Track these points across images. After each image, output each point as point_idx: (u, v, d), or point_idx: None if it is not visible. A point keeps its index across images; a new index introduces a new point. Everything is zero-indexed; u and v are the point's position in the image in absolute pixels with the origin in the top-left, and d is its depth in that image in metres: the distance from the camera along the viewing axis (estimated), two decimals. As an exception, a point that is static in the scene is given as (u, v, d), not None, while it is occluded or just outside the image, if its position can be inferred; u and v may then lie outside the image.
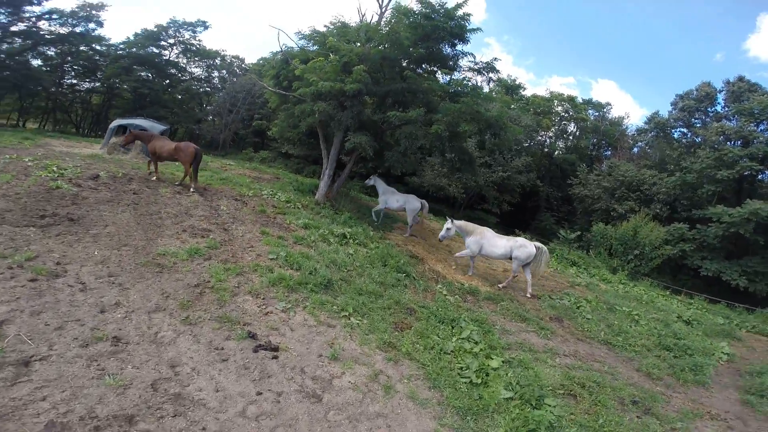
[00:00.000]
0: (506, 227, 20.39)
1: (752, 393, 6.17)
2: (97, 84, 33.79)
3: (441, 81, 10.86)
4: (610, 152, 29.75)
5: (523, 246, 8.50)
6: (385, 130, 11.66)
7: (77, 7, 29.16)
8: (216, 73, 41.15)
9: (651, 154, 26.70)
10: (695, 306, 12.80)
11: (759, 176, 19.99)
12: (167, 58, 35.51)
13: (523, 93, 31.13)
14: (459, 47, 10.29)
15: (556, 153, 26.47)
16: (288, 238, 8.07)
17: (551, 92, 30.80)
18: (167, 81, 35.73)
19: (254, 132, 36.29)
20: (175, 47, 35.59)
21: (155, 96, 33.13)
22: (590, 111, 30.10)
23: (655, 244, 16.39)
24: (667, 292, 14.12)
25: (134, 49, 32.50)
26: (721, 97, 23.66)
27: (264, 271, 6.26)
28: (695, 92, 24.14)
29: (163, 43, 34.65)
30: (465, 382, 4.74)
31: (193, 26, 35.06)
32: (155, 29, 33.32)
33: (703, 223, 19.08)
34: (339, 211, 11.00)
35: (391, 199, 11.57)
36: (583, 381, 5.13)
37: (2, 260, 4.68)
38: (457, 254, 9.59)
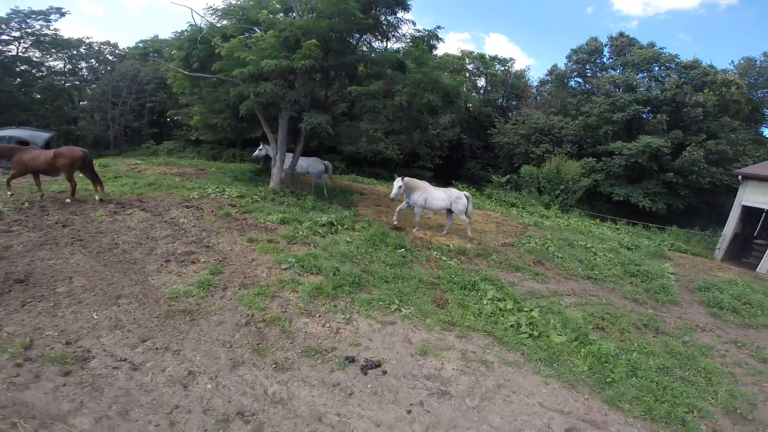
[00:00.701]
0: (440, 179, 21.75)
1: (713, 306, 7.97)
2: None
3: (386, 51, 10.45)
4: (515, 103, 33.36)
5: (459, 198, 9.47)
6: (331, 105, 10.86)
7: None
8: (83, 64, 34.56)
9: (552, 102, 30.80)
10: (621, 231, 15.66)
11: (644, 116, 24.83)
12: (14, 53, 29.08)
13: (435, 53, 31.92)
14: (400, 14, 9.96)
15: (471, 107, 28.53)
16: (279, 240, 7.43)
17: (462, 51, 32.51)
18: (18, 80, 29.82)
19: (150, 122, 31.48)
20: (22, 41, 29.23)
21: (8, 99, 26.98)
22: (497, 66, 32.75)
23: (576, 178, 19.70)
24: (597, 221, 17.13)
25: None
26: (606, 51, 28.35)
27: (292, 285, 5.83)
28: (586, 47, 28.24)
29: (5, 37, 28.03)
30: (526, 337, 5.52)
31: (44, 14, 28.63)
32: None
33: (607, 156, 23.32)
34: (301, 196, 10.30)
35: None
36: (600, 315, 6.43)
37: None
38: (399, 208, 9.83)
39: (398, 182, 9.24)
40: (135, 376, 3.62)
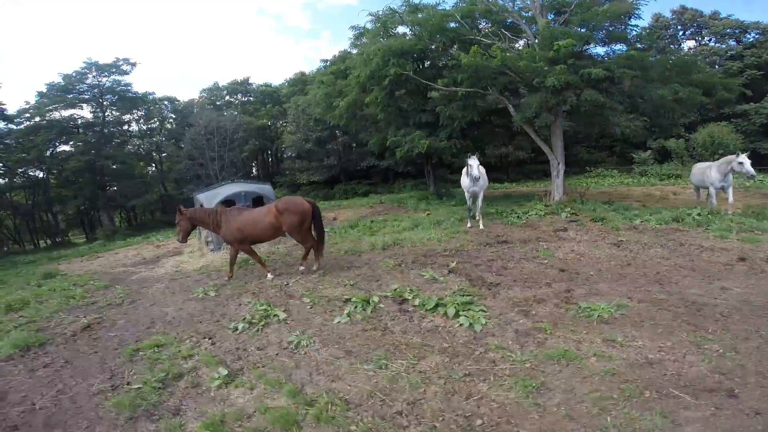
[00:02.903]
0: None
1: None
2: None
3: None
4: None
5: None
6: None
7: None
8: (154, 122, 34.36)
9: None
10: None
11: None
12: (100, 116, 27.56)
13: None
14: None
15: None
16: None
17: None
18: (106, 145, 28.21)
19: (246, 174, 32.88)
20: (102, 99, 27.81)
21: (114, 172, 27.21)
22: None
23: (734, 142, 18.98)
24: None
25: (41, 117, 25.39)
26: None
27: None
28: (655, 23, 27.72)
29: (85, 96, 26.96)
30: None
31: (116, 67, 27.69)
32: (63, 81, 25.95)
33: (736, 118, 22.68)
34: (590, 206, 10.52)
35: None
36: None
37: None
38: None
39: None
40: None
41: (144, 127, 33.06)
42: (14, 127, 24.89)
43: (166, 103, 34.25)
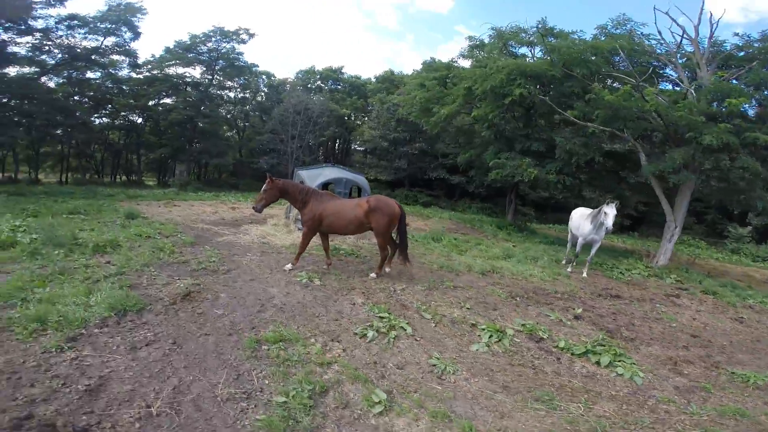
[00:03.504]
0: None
1: None
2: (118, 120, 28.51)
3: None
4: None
5: None
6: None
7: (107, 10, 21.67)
8: (248, 94, 35.18)
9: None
10: None
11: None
12: (208, 78, 29.04)
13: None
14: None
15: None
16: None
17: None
18: (206, 104, 29.13)
19: (324, 158, 32.34)
20: (215, 63, 28.84)
21: (202, 130, 28.22)
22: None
23: None
24: None
25: (160, 70, 27.21)
26: None
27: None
28: None
29: (203, 57, 28.15)
30: None
31: (237, 35, 27.64)
32: (189, 41, 27.03)
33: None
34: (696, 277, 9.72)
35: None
36: None
37: None
38: None
39: None
40: None
41: (240, 95, 34.28)
42: (134, 75, 26.76)
43: (263, 77, 35.40)
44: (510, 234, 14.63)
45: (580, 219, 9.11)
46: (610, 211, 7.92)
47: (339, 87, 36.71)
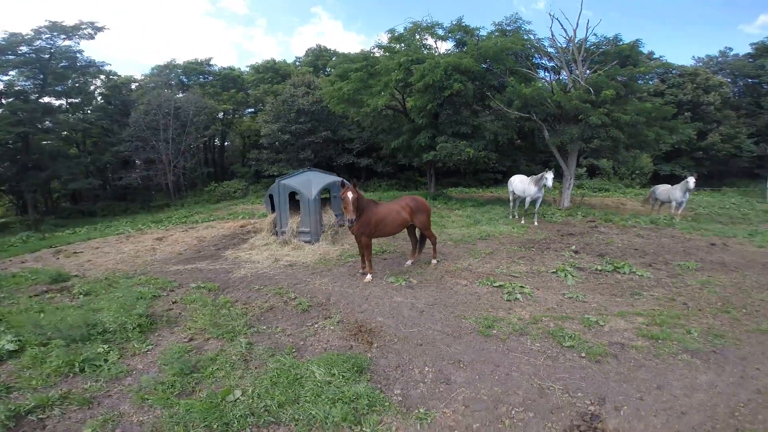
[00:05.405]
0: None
1: None
2: None
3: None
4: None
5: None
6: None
7: None
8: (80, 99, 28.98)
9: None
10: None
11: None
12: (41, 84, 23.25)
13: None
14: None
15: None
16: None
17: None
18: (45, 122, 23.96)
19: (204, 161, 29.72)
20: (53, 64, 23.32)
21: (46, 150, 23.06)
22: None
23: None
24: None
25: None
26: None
27: None
28: None
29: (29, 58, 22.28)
30: None
31: (76, 30, 23.57)
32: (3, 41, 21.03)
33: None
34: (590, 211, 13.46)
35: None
36: None
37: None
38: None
39: None
40: None
41: (68, 102, 28.02)
42: None
43: (101, 78, 29.89)
44: (445, 203, 17.27)
45: (523, 183, 12.11)
46: (549, 176, 11.15)
47: (210, 80, 33.40)
